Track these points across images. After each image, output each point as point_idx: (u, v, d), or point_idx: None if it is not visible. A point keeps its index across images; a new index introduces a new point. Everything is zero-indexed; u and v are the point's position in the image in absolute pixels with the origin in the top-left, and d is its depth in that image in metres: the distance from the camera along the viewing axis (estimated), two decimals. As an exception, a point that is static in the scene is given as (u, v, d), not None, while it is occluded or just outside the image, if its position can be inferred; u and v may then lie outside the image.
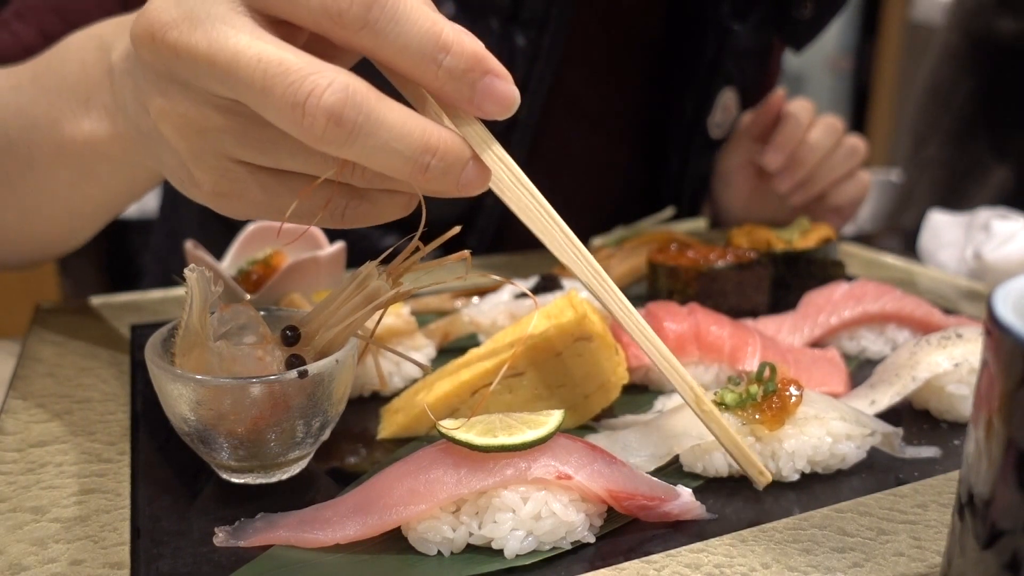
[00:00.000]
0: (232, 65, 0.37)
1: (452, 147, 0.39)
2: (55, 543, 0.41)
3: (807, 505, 0.46)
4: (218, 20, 0.39)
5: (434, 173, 0.39)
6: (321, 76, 0.37)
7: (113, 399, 0.56)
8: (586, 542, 0.42)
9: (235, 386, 0.44)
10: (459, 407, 0.53)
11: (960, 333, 0.57)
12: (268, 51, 0.37)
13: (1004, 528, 0.30)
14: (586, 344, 0.53)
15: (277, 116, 0.38)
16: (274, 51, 0.37)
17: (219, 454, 0.46)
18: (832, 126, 0.91)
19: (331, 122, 0.37)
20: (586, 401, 0.55)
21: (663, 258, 0.72)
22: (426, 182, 0.40)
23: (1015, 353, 0.29)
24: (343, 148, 0.38)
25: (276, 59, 0.37)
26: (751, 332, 0.61)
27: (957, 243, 0.95)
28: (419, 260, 0.46)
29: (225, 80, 0.38)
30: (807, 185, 0.92)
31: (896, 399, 0.55)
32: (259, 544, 0.42)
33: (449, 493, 0.41)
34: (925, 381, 0.55)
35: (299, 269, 0.65)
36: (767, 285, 0.72)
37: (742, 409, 0.48)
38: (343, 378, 0.47)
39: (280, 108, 0.37)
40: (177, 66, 0.40)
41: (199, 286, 0.44)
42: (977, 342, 0.56)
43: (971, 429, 0.32)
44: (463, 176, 0.40)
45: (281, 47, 0.38)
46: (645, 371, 0.61)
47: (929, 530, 0.43)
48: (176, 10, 0.39)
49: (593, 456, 0.43)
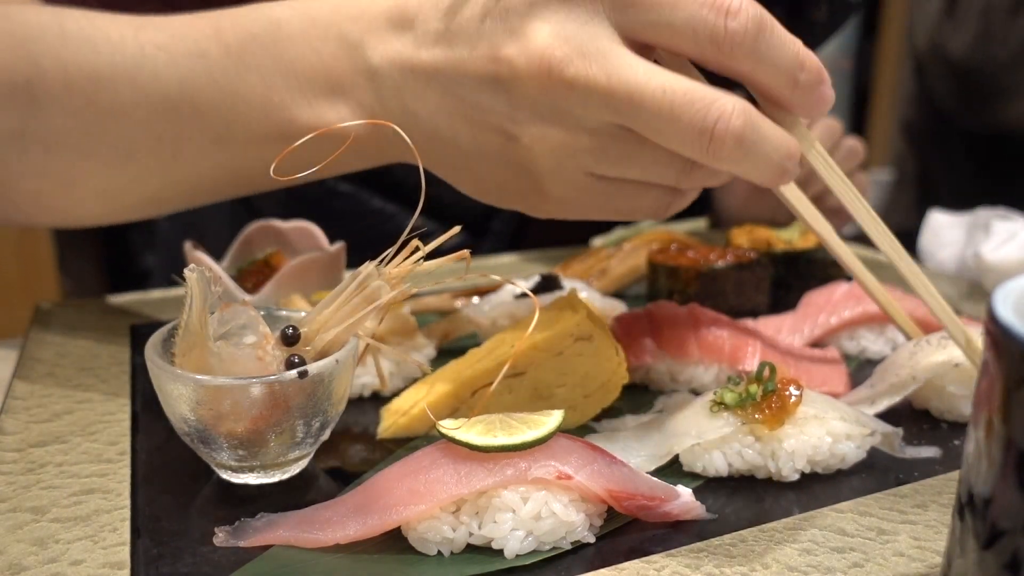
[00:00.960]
0: (636, 97, 0.42)
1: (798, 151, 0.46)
2: (55, 543, 0.41)
3: (807, 505, 0.46)
4: (610, 55, 0.43)
5: (786, 177, 0.46)
6: (725, 103, 0.42)
7: (113, 399, 0.56)
8: (586, 542, 0.42)
9: (235, 386, 0.44)
10: (459, 407, 0.53)
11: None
12: (670, 81, 0.42)
13: (1004, 528, 0.30)
14: (586, 344, 0.53)
15: (680, 141, 0.43)
16: (676, 81, 0.42)
17: (219, 454, 0.46)
18: (831, 127, 0.91)
19: (735, 143, 0.43)
20: (586, 401, 0.55)
21: (663, 258, 0.72)
22: (776, 184, 0.47)
23: (1015, 353, 0.29)
24: (734, 164, 0.44)
25: (681, 90, 0.42)
26: (751, 332, 0.61)
27: (957, 243, 0.95)
28: (419, 260, 0.46)
29: (624, 110, 0.43)
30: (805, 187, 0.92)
31: (896, 399, 0.55)
32: (259, 544, 0.42)
33: (449, 493, 0.41)
34: (926, 381, 0.55)
35: (299, 269, 0.65)
36: (767, 285, 0.72)
37: (742, 409, 0.48)
38: (343, 378, 0.47)
39: (686, 134, 0.42)
40: (569, 98, 0.44)
41: (199, 286, 0.44)
42: (978, 342, 0.56)
43: (971, 429, 0.32)
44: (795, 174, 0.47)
45: (678, 77, 0.43)
46: (645, 371, 0.61)
47: (929, 530, 0.43)
48: (567, 46, 0.43)
49: (593, 456, 0.43)
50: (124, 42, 0.55)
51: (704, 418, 0.49)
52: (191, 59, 0.54)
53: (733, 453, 0.48)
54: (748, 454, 0.48)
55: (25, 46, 0.54)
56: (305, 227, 0.73)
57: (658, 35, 0.43)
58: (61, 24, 0.55)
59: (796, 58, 0.43)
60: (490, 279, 0.50)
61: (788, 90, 0.44)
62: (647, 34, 0.44)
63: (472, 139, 0.49)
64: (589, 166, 0.47)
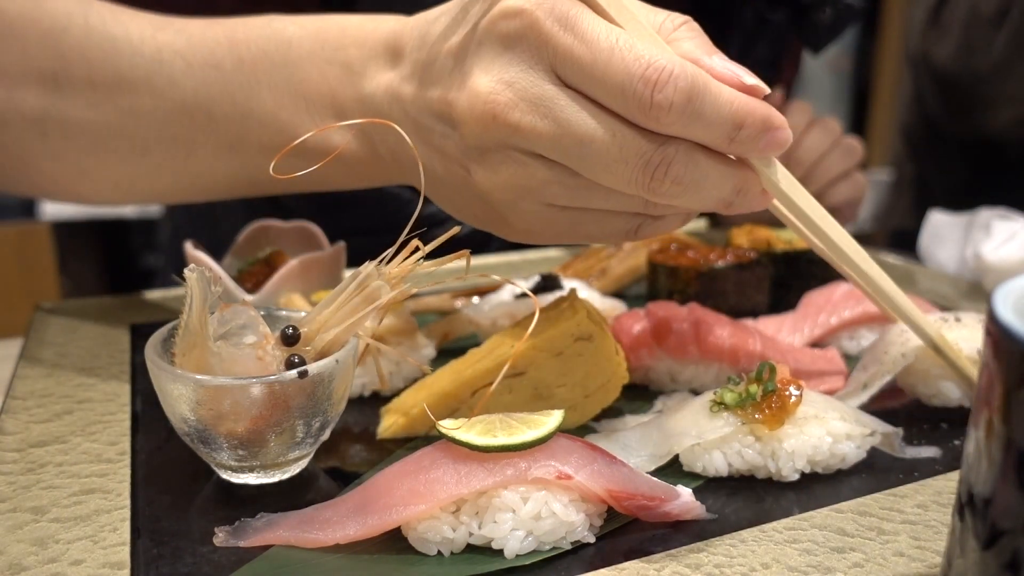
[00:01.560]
0: (584, 142, 0.44)
1: (752, 186, 0.47)
2: (55, 543, 0.41)
3: (807, 505, 0.46)
4: (556, 100, 0.44)
5: (733, 208, 0.47)
6: (668, 148, 0.44)
7: (113, 399, 0.56)
8: (586, 542, 0.42)
9: (235, 386, 0.44)
10: (459, 407, 0.53)
11: (959, 318, 0.57)
12: (617, 128, 0.43)
13: (1004, 528, 0.30)
14: (586, 344, 0.53)
15: (624, 181, 0.44)
16: (621, 128, 0.43)
17: (219, 454, 0.46)
18: (829, 127, 0.91)
19: (675, 184, 0.44)
20: (586, 401, 0.55)
21: (663, 258, 0.72)
22: (725, 212, 0.47)
23: (1015, 353, 0.29)
24: (673, 200, 0.45)
25: (630, 134, 0.43)
26: (751, 332, 0.61)
27: (957, 243, 0.95)
28: (419, 260, 0.46)
29: (572, 155, 0.44)
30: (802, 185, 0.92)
31: (888, 378, 0.55)
32: (259, 544, 0.42)
33: (449, 493, 0.41)
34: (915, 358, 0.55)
35: (299, 269, 0.65)
36: (767, 285, 0.72)
37: (742, 409, 0.48)
38: (343, 378, 0.47)
39: (631, 176, 0.44)
40: (515, 140, 0.45)
41: (199, 286, 0.44)
42: (975, 328, 0.56)
43: (971, 429, 0.32)
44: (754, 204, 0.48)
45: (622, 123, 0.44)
46: (645, 371, 0.61)
47: (929, 530, 0.43)
48: (509, 91, 0.44)
49: (593, 456, 0.43)
50: (144, 44, 0.56)
51: (704, 418, 0.49)
52: (206, 69, 0.57)
53: (733, 453, 0.48)
54: (748, 454, 0.48)
55: (52, 36, 0.56)
56: (305, 227, 0.73)
57: (592, 93, 0.44)
58: (86, 17, 0.56)
59: (732, 118, 0.43)
60: (490, 279, 0.50)
61: (724, 145, 0.44)
62: (582, 89, 0.44)
63: (443, 169, 0.51)
64: (547, 199, 0.47)
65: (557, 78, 0.44)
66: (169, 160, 0.59)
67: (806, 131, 0.90)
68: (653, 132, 0.44)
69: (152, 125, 0.57)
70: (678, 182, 0.44)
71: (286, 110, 0.56)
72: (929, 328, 0.54)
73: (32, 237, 1.94)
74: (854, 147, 0.93)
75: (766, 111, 0.44)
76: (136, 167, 0.59)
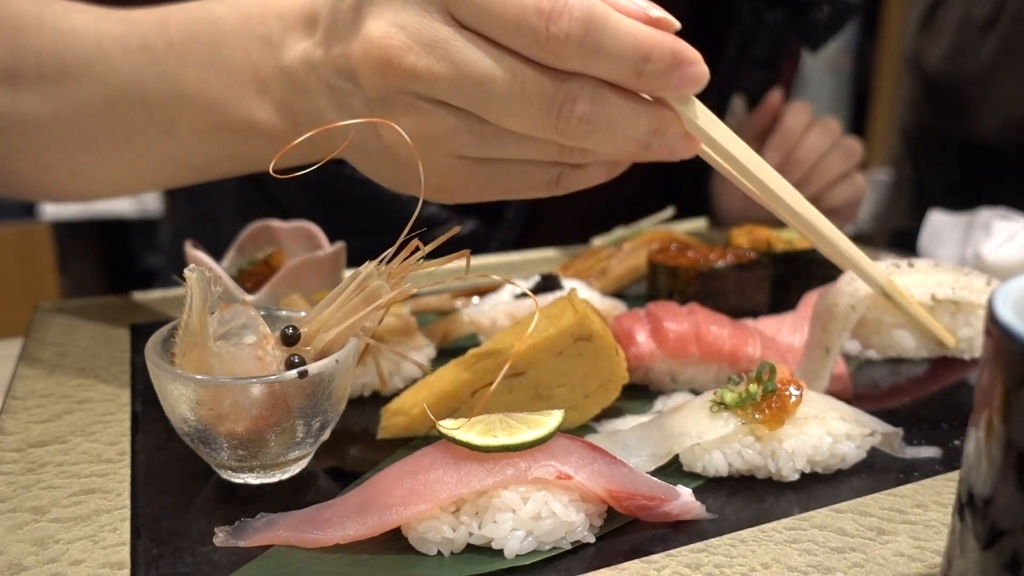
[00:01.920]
0: (484, 83, 0.42)
1: (670, 126, 0.45)
2: (55, 543, 0.41)
3: (807, 505, 0.46)
4: (452, 42, 0.43)
5: (652, 151, 0.45)
6: (571, 84, 0.42)
7: (113, 399, 0.56)
8: (586, 542, 0.42)
9: (235, 386, 0.44)
10: (459, 407, 0.53)
11: (912, 263, 0.55)
12: (517, 66, 0.42)
13: (1004, 528, 0.30)
14: (586, 344, 0.53)
15: (531, 123, 0.43)
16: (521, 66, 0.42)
17: (219, 454, 0.46)
18: (829, 128, 0.91)
19: (582, 122, 0.42)
20: (586, 401, 0.55)
21: (663, 258, 0.72)
22: (645, 158, 0.46)
23: (1015, 353, 0.29)
24: (586, 142, 0.44)
25: (531, 73, 0.42)
26: (751, 332, 0.61)
27: (957, 243, 0.95)
28: (419, 260, 0.46)
29: (472, 95, 0.43)
30: (802, 186, 0.92)
31: (845, 335, 0.54)
32: (259, 544, 0.42)
33: (449, 493, 0.41)
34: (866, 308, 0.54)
35: (299, 269, 0.65)
36: (767, 285, 0.72)
37: (742, 409, 0.48)
38: (343, 378, 0.47)
39: (536, 117, 0.43)
40: (413, 86, 0.44)
41: (199, 286, 0.44)
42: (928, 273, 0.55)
43: (971, 429, 0.32)
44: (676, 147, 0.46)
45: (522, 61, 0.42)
46: (645, 371, 0.61)
47: (929, 530, 0.43)
48: (403, 34, 0.43)
49: (593, 456, 0.43)
50: (87, 33, 0.57)
51: (704, 418, 0.49)
52: (140, 54, 0.57)
53: (733, 453, 0.48)
54: (748, 454, 0.48)
55: (10, 34, 0.57)
56: (305, 227, 0.73)
57: (488, 31, 0.43)
58: (41, 14, 0.57)
59: (637, 50, 0.41)
60: (490, 279, 0.50)
61: (633, 80, 0.43)
62: (478, 29, 0.43)
63: (357, 134, 0.50)
64: (457, 150, 0.46)
65: (452, 19, 0.43)
66: (116, 149, 0.60)
67: (806, 131, 0.90)
68: (556, 70, 0.42)
69: (97, 114, 0.58)
70: (586, 120, 0.43)
71: (212, 88, 0.56)
72: (877, 274, 0.52)
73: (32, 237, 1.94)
74: (854, 147, 0.93)
75: (675, 44, 0.42)
76: (90, 157, 0.60)
